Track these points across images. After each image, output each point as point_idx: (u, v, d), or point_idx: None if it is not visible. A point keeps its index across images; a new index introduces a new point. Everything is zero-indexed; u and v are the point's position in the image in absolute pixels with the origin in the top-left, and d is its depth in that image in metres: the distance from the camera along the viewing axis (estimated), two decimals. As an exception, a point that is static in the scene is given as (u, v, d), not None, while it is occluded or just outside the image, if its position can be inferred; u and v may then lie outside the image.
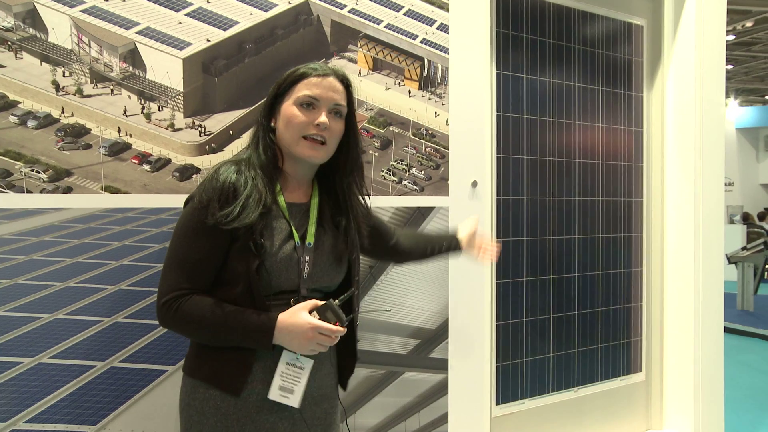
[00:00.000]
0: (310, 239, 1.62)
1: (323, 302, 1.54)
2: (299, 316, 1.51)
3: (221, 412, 1.53)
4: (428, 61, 2.62)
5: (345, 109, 1.64)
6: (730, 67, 13.67)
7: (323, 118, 1.57)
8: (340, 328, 1.52)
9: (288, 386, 1.56)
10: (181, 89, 2.10)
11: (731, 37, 10.82)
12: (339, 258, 1.67)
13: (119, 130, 2.00)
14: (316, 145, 1.58)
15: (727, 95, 16.41)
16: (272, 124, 1.62)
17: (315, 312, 1.52)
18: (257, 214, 1.50)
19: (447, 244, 2.05)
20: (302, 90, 1.58)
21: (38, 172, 1.88)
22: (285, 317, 1.51)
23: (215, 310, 1.50)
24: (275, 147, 1.62)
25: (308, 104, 1.58)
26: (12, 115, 1.86)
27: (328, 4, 2.40)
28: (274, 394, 1.55)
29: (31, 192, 1.87)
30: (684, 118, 3.46)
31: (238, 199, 1.50)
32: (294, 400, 1.56)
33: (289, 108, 1.59)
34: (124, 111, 2.01)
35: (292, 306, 1.56)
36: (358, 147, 1.68)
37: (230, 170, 1.53)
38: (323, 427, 1.66)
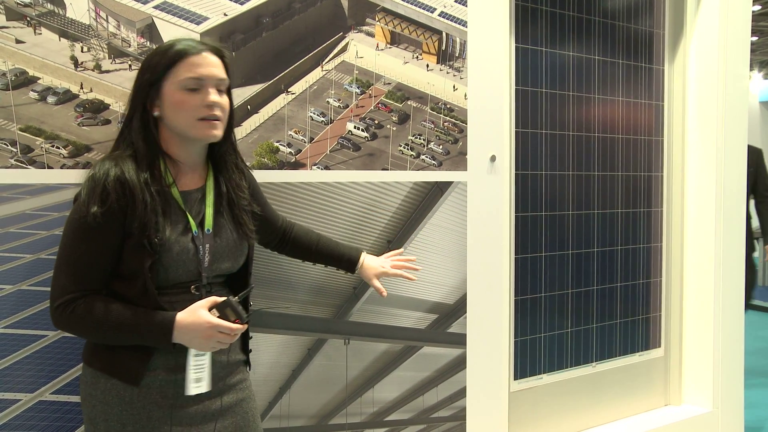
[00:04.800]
0: (209, 225, 1.59)
1: (223, 299, 1.51)
2: (198, 314, 1.48)
3: (125, 401, 1.52)
4: (446, 34, 2.59)
5: (227, 82, 1.60)
6: (755, 38, 13.39)
7: (214, 97, 1.54)
8: (240, 326, 1.50)
9: (198, 377, 1.56)
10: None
11: (757, 8, 10.58)
12: (239, 238, 1.66)
13: (138, 106, 2.00)
14: (212, 123, 1.55)
15: (752, 68, 16.09)
16: (155, 112, 1.55)
17: (215, 309, 1.50)
18: (148, 206, 1.48)
19: (338, 264, 2.00)
20: (184, 73, 1.52)
21: (58, 148, 1.90)
22: (183, 317, 1.48)
23: (110, 312, 1.47)
24: (157, 136, 1.56)
25: (193, 87, 1.53)
26: (32, 90, 1.87)
27: (345, -24, 2.38)
28: (191, 389, 1.55)
29: (52, 167, 1.89)
30: (706, 91, 3.40)
31: (125, 192, 1.46)
32: (205, 386, 1.57)
33: (174, 93, 1.53)
34: (143, 86, 2.01)
35: (192, 292, 1.55)
36: (231, 119, 1.65)
37: (107, 166, 1.48)
38: (237, 395, 1.67)
